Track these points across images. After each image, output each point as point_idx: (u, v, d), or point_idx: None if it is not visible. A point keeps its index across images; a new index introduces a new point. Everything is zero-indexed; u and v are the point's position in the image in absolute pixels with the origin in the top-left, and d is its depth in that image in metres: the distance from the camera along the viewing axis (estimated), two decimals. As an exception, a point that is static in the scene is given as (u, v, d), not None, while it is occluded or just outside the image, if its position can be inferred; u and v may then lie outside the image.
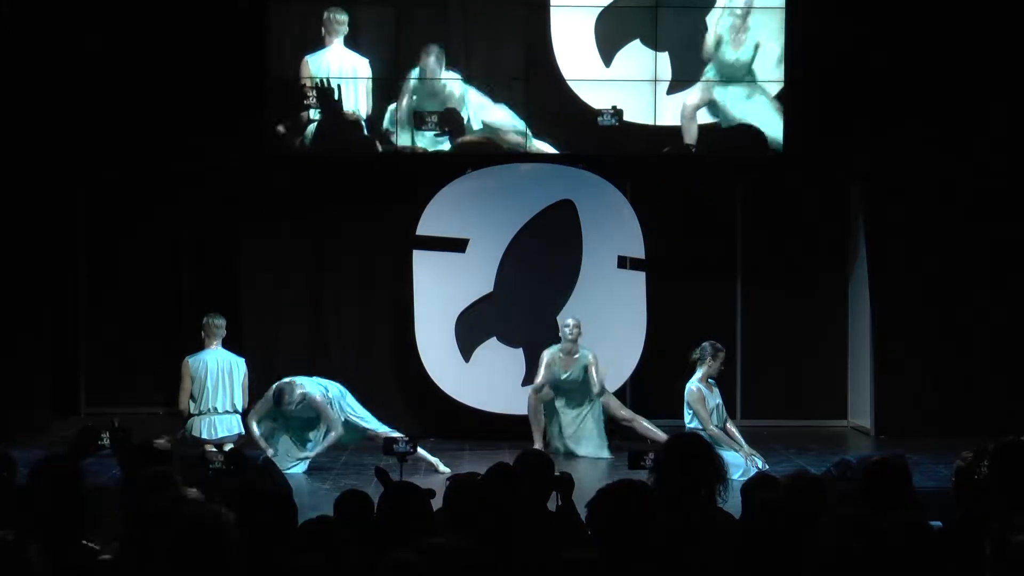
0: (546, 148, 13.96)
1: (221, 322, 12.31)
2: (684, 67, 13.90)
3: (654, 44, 13.91)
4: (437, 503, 6.12)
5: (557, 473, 6.99)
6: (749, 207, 15.10)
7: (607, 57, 13.95)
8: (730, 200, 15.10)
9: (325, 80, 13.80)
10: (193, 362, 12.14)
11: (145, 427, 12.14)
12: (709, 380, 12.22)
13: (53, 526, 5.71)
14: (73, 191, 14.66)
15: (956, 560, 5.30)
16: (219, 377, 12.10)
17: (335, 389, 12.25)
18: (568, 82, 13.90)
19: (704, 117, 13.93)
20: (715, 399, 12.23)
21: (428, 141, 13.85)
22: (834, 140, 14.03)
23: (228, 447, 11.74)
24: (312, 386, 12.18)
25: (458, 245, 14.04)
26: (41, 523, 5.71)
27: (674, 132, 13.89)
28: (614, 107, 13.75)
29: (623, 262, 14.06)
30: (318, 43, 13.86)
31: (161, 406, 14.25)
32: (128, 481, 6.82)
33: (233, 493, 6.28)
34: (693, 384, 12.18)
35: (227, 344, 12.38)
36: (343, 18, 13.63)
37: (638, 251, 14.04)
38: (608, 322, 13.90)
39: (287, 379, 12.23)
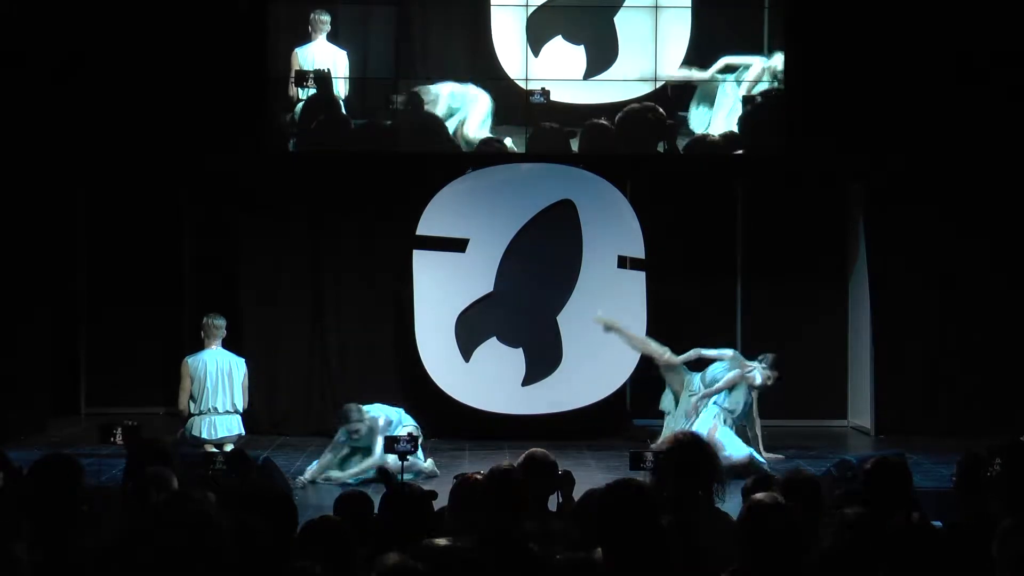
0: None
1: (221, 322, 12.29)
2: (596, 60, 14.09)
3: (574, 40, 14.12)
4: (440, 504, 6.13)
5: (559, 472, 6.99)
6: (749, 207, 15.10)
7: (535, 50, 14.11)
8: (730, 200, 15.10)
9: (326, 70, 13.91)
10: (192, 362, 12.12)
11: (145, 427, 12.20)
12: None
13: (52, 525, 5.71)
14: (73, 191, 14.67)
15: (962, 560, 5.31)
16: (219, 377, 12.08)
17: (395, 416, 12.15)
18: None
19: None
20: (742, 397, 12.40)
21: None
22: (834, 140, 14.03)
23: (228, 447, 11.74)
24: (378, 411, 12.09)
25: (458, 245, 14.04)
26: (40, 522, 5.71)
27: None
28: (543, 88, 13.88)
29: (623, 262, 14.06)
30: (307, 38, 14.04)
31: (161, 406, 14.27)
32: (131, 479, 6.82)
33: (233, 493, 6.29)
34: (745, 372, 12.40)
35: (227, 344, 12.38)
36: (326, 18, 14.06)
37: (638, 251, 14.04)
38: (608, 322, 13.91)
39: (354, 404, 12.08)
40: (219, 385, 12.05)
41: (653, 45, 14.05)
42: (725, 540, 5.46)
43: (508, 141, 14.12)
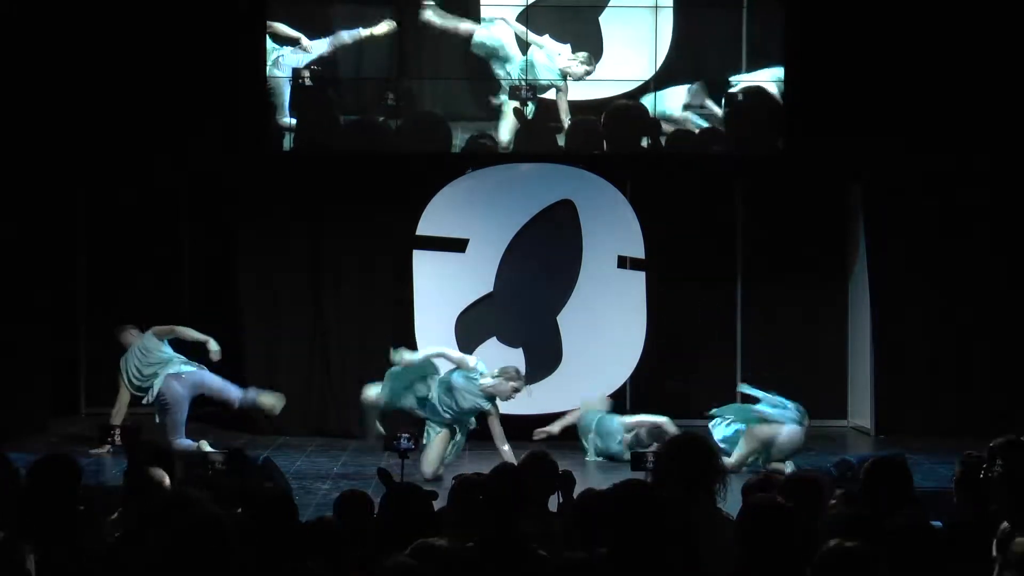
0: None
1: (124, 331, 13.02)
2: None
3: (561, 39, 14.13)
4: (440, 504, 6.13)
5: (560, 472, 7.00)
6: (749, 207, 15.10)
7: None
8: (730, 200, 15.10)
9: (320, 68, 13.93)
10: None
11: (144, 427, 12.23)
12: None
13: (51, 525, 5.72)
14: (73, 191, 14.66)
15: (962, 560, 5.31)
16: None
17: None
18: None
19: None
20: None
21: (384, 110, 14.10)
22: (834, 140, 14.02)
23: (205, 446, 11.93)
24: None
25: (458, 245, 14.04)
26: (39, 522, 5.71)
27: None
28: (528, 85, 13.91)
29: (623, 262, 14.06)
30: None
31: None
32: (132, 479, 6.82)
33: (234, 494, 6.30)
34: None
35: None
36: None
37: (638, 251, 14.04)
38: (608, 322, 13.91)
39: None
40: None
41: (638, 44, 14.07)
42: (725, 540, 5.46)
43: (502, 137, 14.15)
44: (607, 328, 13.90)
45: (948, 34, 13.97)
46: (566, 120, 14.07)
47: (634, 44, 14.11)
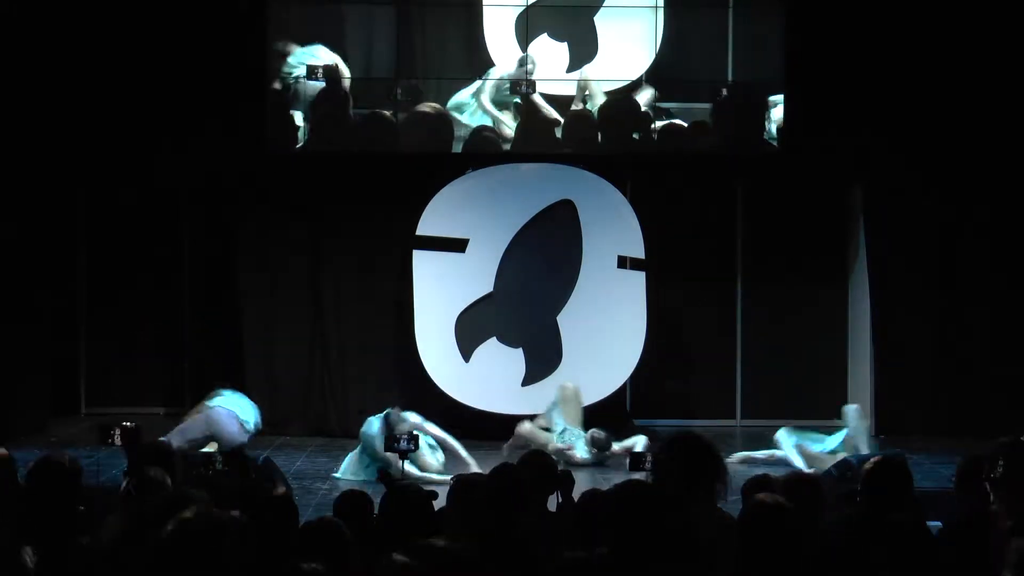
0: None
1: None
2: (578, 56, 14.18)
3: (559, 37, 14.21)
4: (440, 504, 6.13)
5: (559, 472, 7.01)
6: (749, 207, 15.10)
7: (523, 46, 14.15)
8: (730, 200, 15.11)
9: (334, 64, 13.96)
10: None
11: (145, 427, 12.23)
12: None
13: (50, 525, 5.71)
14: (73, 191, 14.66)
15: (962, 560, 5.31)
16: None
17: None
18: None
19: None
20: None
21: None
22: (834, 140, 14.03)
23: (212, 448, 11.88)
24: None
25: (458, 245, 14.04)
26: (38, 522, 5.71)
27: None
28: (529, 80, 13.99)
29: (623, 262, 14.07)
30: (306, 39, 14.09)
31: (161, 406, 14.31)
32: (131, 480, 6.82)
33: (234, 494, 6.30)
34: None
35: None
36: None
37: (638, 251, 14.05)
38: (608, 322, 13.91)
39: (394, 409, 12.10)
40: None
41: (630, 42, 14.10)
42: (725, 540, 5.47)
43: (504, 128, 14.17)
44: (607, 328, 13.90)
45: (948, 34, 13.97)
46: (555, 114, 14.09)
47: (631, 43, 14.13)
